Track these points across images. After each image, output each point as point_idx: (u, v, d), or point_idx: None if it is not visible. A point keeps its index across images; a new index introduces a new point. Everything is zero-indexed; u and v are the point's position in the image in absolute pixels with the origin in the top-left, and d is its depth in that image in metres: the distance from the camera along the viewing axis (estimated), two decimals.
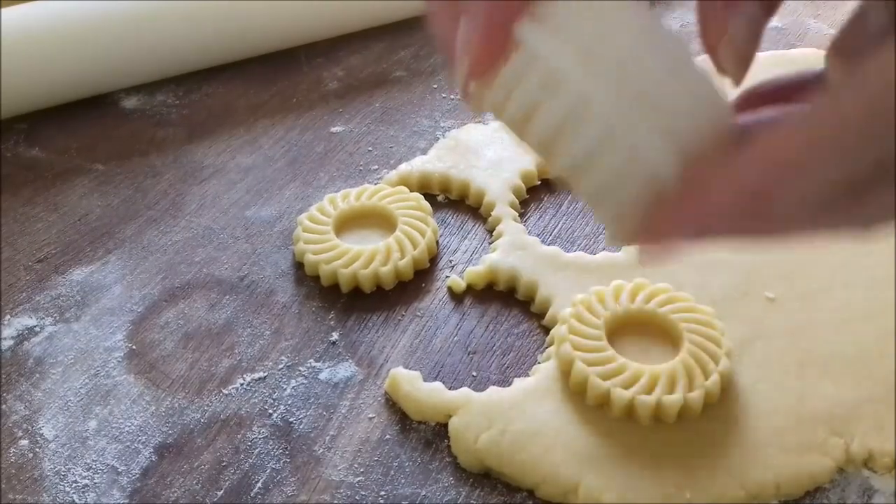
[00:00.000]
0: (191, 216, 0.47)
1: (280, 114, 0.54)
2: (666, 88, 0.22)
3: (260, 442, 0.36)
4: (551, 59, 0.22)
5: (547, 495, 0.33)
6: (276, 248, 0.45)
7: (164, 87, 0.56)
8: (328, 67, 0.58)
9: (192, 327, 0.41)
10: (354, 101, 0.55)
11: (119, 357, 0.39)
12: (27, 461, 0.35)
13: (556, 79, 0.22)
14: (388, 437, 0.36)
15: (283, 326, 0.40)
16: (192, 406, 0.37)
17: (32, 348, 0.40)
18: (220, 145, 0.52)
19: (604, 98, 0.22)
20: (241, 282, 0.43)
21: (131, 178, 0.49)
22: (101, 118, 0.54)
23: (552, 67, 0.22)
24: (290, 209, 0.47)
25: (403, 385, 0.37)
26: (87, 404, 0.37)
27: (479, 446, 0.34)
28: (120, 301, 0.42)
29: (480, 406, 0.35)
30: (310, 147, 0.51)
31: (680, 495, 0.32)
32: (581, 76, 0.22)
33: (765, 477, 0.33)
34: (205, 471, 0.35)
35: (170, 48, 0.54)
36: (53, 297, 0.42)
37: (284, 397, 0.37)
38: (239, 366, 0.39)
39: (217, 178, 0.49)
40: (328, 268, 0.42)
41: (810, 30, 0.60)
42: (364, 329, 0.40)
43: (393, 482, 0.34)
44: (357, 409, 0.37)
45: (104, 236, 0.46)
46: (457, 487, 0.34)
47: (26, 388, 0.38)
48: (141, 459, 0.35)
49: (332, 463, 0.35)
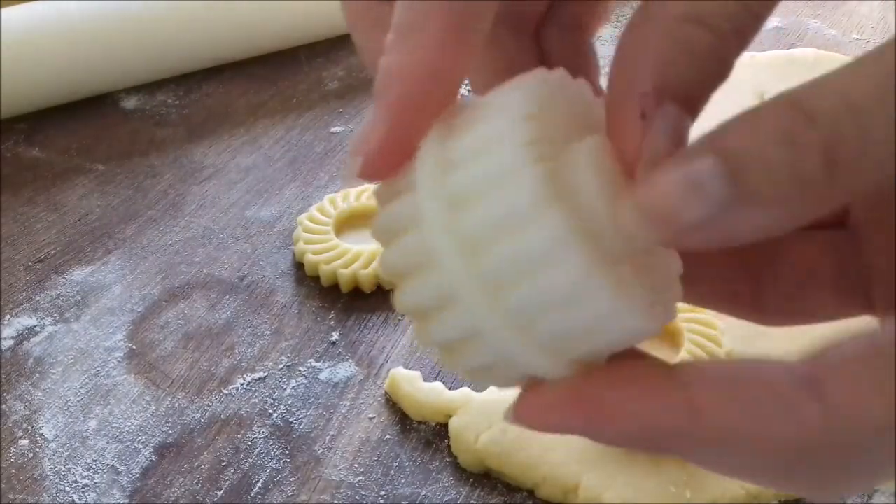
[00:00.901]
0: (191, 216, 0.47)
1: (280, 114, 0.54)
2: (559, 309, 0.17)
3: (260, 442, 0.36)
4: (430, 226, 0.18)
5: (547, 495, 0.33)
6: (276, 248, 0.45)
7: (164, 87, 0.56)
8: (328, 67, 0.58)
9: (192, 327, 0.41)
10: (354, 101, 0.55)
11: (119, 357, 0.39)
12: (27, 461, 0.35)
13: (431, 257, 0.18)
14: (388, 437, 0.36)
15: (283, 326, 0.40)
16: (192, 406, 0.37)
17: (32, 348, 0.40)
18: (220, 145, 0.52)
19: (477, 303, 0.18)
20: (241, 282, 0.43)
21: (131, 178, 0.49)
22: (101, 118, 0.54)
23: (428, 240, 0.18)
24: (290, 209, 0.47)
25: (403, 385, 0.37)
26: (87, 404, 0.37)
27: (479, 446, 0.34)
28: (120, 301, 0.42)
29: (480, 406, 0.35)
30: (310, 147, 0.51)
31: (680, 495, 0.32)
32: (456, 266, 0.18)
33: None
34: (205, 471, 0.35)
35: (170, 48, 0.54)
36: (53, 297, 0.42)
37: (284, 397, 0.37)
38: (239, 366, 0.39)
39: (217, 178, 0.49)
40: (328, 268, 0.42)
41: (810, 30, 0.60)
42: (364, 329, 0.40)
43: (393, 482, 0.34)
44: (357, 409, 0.37)
45: (104, 236, 0.45)
46: (457, 487, 0.34)
47: (26, 388, 0.38)
48: (141, 459, 0.35)
49: (332, 463, 0.35)
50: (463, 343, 0.19)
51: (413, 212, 0.18)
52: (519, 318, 0.17)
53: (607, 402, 0.18)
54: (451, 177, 0.18)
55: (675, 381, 0.17)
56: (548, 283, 0.17)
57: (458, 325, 0.18)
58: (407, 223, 0.18)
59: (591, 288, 0.17)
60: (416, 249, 0.18)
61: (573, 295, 0.17)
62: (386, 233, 0.19)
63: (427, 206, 0.18)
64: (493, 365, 0.19)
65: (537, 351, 0.18)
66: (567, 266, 0.17)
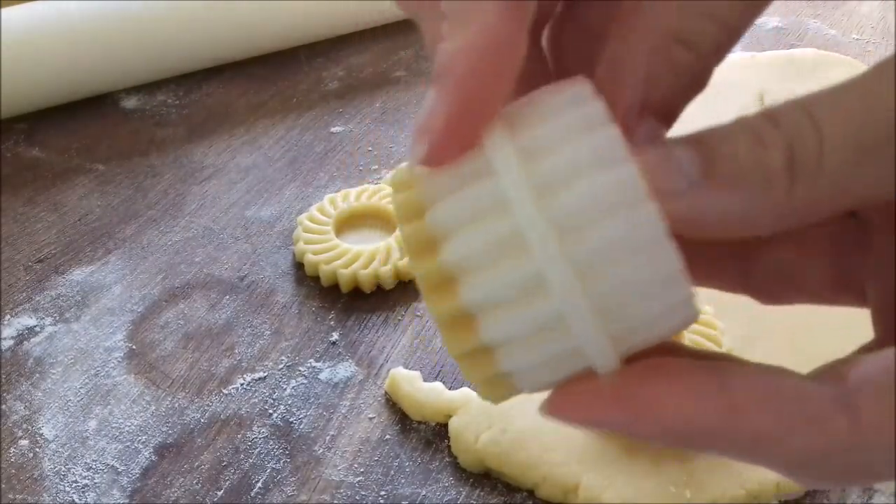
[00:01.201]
0: (191, 216, 0.47)
1: (280, 114, 0.54)
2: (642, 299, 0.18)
3: (260, 442, 0.36)
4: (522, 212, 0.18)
5: (547, 495, 0.33)
6: (276, 248, 0.45)
7: (164, 87, 0.56)
8: (328, 67, 0.58)
9: (192, 327, 0.41)
10: (354, 101, 0.55)
11: (119, 357, 0.39)
12: (27, 461, 0.35)
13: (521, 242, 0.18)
14: (388, 437, 0.36)
15: (283, 326, 0.40)
16: (192, 406, 0.37)
17: (32, 348, 0.40)
18: (220, 145, 0.52)
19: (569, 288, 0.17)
20: (241, 282, 0.43)
21: (131, 178, 0.49)
22: (101, 118, 0.54)
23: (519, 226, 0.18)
24: (290, 209, 0.47)
25: (403, 385, 0.37)
26: (87, 404, 0.37)
27: (479, 446, 0.34)
28: (120, 301, 0.42)
29: (480, 406, 0.35)
30: (310, 147, 0.51)
31: (680, 495, 0.32)
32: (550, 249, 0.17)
33: (765, 477, 0.33)
34: (205, 471, 0.35)
35: (170, 48, 0.54)
36: (53, 297, 0.42)
37: (284, 397, 0.37)
38: (239, 366, 0.39)
39: (217, 178, 0.49)
40: (328, 268, 0.42)
41: (810, 30, 0.60)
42: (364, 329, 0.40)
43: (393, 482, 0.34)
44: (357, 409, 0.37)
45: (104, 236, 0.46)
46: (457, 487, 0.34)
47: (26, 388, 0.38)
48: (141, 459, 0.35)
49: (332, 463, 0.35)
50: (532, 335, 0.18)
51: (495, 199, 0.18)
52: (606, 304, 0.18)
53: (651, 398, 0.18)
54: (537, 164, 0.18)
55: (716, 381, 0.18)
56: (641, 271, 0.17)
57: (540, 313, 0.18)
58: (486, 211, 0.18)
59: (678, 279, 0.18)
60: (501, 236, 0.18)
61: (661, 284, 0.18)
62: (454, 222, 0.18)
63: (516, 193, 0.18)
64: (554, 359, 0.19)
65: (607, 340, 0.18)
66: (662, 256, 0.17)
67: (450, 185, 0.19)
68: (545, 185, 0.18)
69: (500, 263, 0.18)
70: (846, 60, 0.55)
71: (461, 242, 0.18)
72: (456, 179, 0.19)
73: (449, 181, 0.19)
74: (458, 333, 0.19)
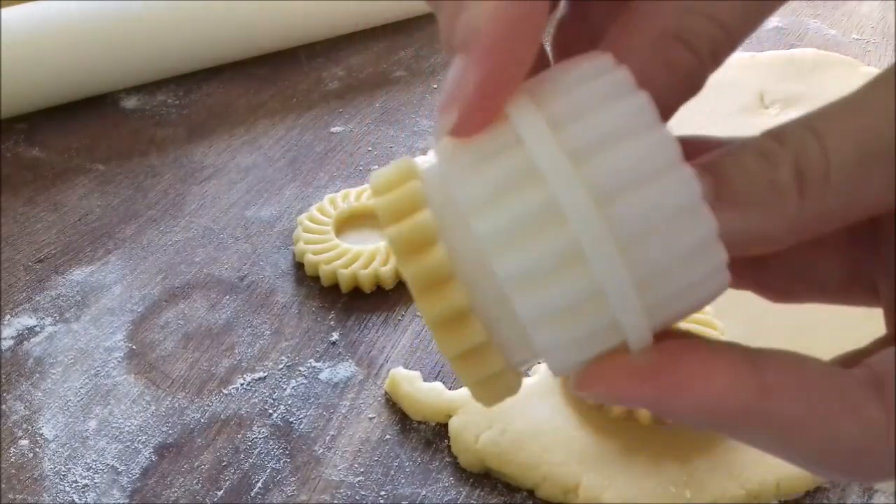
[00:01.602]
0: (191, 216, 0.47)
1: (280, 114, 0.54)
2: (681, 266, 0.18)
3: (260, 442, 0.36)
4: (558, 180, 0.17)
5: (547, 495, 0.33)
6: (276, 248, 0.45)
7: (164, 87, 0.56)
8: (328, 67, 0.58)
9: (192, 327, 0.41)
10: (354, 101, 0.55)
11: (119, 357, 0.39)
12: (27, 461, 0.35)
13: (559, 212, 0.17)
14: (388, 437, 0.36)
15: (283, 326, 0.40)
16: (192, 406, 0.37)
17: (32, 348, 0.40)
18: (220, 145, 0.52)
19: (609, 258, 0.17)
20: (241, 282, 0.43)
21: (131, 178, 0.49)
22: (101, 118, 0.54)
23: (556, 195, 0.17)
24: (290, 209, 0.47)
25: (403, 385, 0.37)
26: (87, 404, 0.37)
27: (479, 446, 0.34)
28: (120, 301, 0.42)
29: (480, 406, 0.35)
30: (310, 147, 0.51)
31: (680, 495, 0.32)
32: (591, 219, 0.17)
33: (765, 477, 0.33)
34: (205, 471, 0.35)
35: (170, 48, 0.54)
36: (53, 297, 0.42)
37: (284, 397, 0.37)
38: (239, 366, 0.39)
39: (217, 178, 0.49)
40: (328, 268, 0.42)
41: (810, 30, 0.60)
42: (364, 329, 0.40)
43: (393, 482, 0.34)
44: (357, 409, 0.37)
45: (104, 236, 0.46)
46: (457, 487, 0.34)
47: (26, 388, 0.38)
48: (141, 459, 0.35)
49: (332, 463, 0.35)
50: (568, 310, 0.18)
51: (526, 169, 0.18)
52: (645, 274, 0.17)
53: (685, 373, 0.18)
54: (567, 132, 0.18)
55: (749, 360, 0.18)
56: (681, 237, 0.17)
57: (577, 286, 0.17)
58: (517, 182, 0.18)
59: (714, 243, 0.18)
60: (535, 206, 0.17)
61: (699, 249, 0.18)
62: (482, 197, 0.18)
63: (549, 161, 0.17)
64: (588, 335, 0.18)
65: (643, 313, 0.18)
66: (700, 220, 0.17)
67: (472, 161, 0.18)
68: (578, 152, 0.17)
69: (535, 234, 0.18)
70: (846, 60, 0.55)
71: (491, 217, 0.18)
72: (478, 155, 0.18)
73: (471, 158, 0.18)
74: (453, 333, 0.19)
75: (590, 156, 0.17)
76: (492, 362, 0.19)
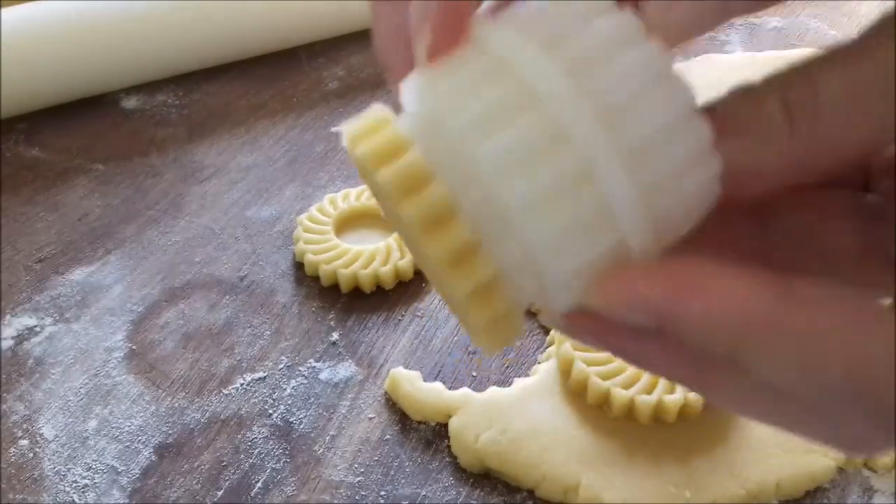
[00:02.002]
0: (191, 216, 0.47)
1: (280, 114, 0.54)
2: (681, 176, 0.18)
3: (260, 442, 0.36)
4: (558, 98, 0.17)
5: (547, 495, 0.33)
6: (276, 248, 0.45)
7: (164, 87, 0.56)
8: (328, 67, 0.58)
9: (192, 327, 0.41)
10: (355, 101, 0.55)
11: (119, 357, 0.39)
12: (27, 461, 0.35)
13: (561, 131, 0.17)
14: (388, 437, 0.36)
15: (283, 326, 0.40)
16: (192, 406, 0.37)
17: (32, 348, 0.40)
18: (220, 145, 0.52)
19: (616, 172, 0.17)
20: (241, 282, 0.43)
21: (131, 178, 0.49)
22: (101, 118, 0.54)
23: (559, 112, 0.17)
24: (290, 209, 0.47)
25: (403, 385, 0.37)
26: (87, 404, 0.37)
27: (479, 446, 0.34)
28: (120, 301, 0.42)
29: (480, 406, 0.35)
30: (310, 147, 0.51)
31: (680, 495, 0.32)
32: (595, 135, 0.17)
33: (765, 477, 0.33)
34: (205, 471, 0.35)
35: (170, 48, 0.54)
36: (53, 297, 0.42)
37: (284, 397, 0.37)
38: (239, 366, 0.39)
39: (217, 178, 0.49)
40: (328, 268, 0.42)
41: (810, 30, 0.60)
42: (364, 329, 0.40)
43: (393, 482, 0.34)
44: (357, 409, 0.37)
45: (104, 236, 0.46)
46: (457, 487, 0.34)
47: (26, 388, 0.38)
48: (141, 459, 0.35)
49: (332, 463, 0.35)
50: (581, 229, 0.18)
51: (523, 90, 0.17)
52: (648, 184, 0.17)
53: (703, 276, 0.17)
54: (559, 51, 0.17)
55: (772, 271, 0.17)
56: (681, 146, 0.18)
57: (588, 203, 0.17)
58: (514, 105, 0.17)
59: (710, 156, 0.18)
60: (541, 128, 0.17)
61: (697, 159, 0.18)
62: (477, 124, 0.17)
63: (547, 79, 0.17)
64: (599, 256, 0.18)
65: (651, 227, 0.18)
66: (698, 129, 0.18)
67: (459, 89, 0.18)
68: (573, 71, 0.17)
69: (541, 156, 0.17)
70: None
71: (491, 141, 0.17)
72: (465, 82, 0.18)
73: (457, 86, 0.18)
74: (463, 269, 0.18)
75: (585, 73, 0.17)
76: (502, 298, 0.18)
